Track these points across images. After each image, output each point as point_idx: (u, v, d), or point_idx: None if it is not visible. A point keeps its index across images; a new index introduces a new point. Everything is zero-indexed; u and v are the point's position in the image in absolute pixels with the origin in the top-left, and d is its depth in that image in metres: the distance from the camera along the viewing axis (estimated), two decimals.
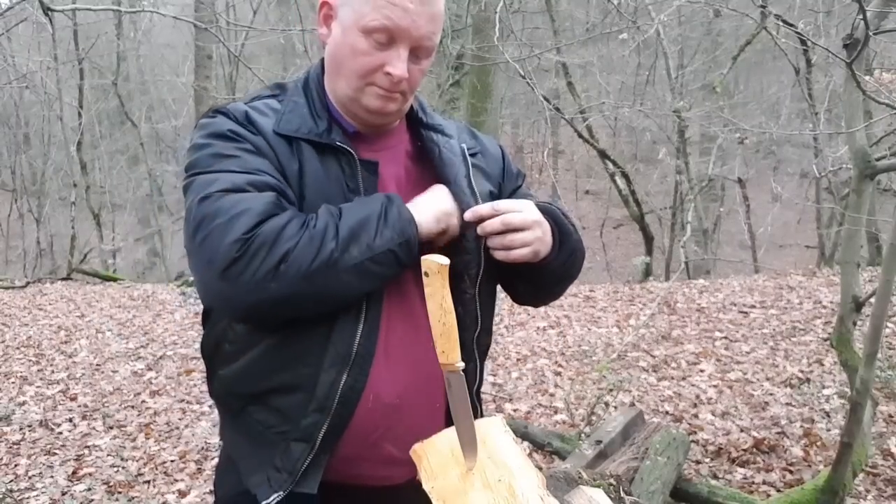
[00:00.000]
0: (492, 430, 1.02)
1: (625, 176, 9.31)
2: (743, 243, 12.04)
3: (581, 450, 2.65)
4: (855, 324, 3.22)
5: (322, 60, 1.17)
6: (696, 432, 3.50)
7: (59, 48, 12.08)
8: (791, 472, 3.09)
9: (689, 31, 10.67)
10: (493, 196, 1.18)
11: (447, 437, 1.01)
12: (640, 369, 4.57)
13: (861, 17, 2.57)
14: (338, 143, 1.08)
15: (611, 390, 4.08)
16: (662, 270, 10.24)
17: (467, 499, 0.92)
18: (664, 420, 3.62)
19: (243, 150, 1.04)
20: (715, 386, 4.18)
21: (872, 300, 2.64)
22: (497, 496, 0.91)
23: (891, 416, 3.57)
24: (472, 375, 1.17)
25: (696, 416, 3.76)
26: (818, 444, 3.31)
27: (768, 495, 2.88)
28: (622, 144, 14.47)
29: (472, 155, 1.19)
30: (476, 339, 1.16)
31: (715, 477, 3.07)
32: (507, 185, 1.24)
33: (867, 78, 3.25)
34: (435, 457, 0.99)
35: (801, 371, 4.33)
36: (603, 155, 9.34)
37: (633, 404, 3.87)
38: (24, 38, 13.32)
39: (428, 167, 1.15)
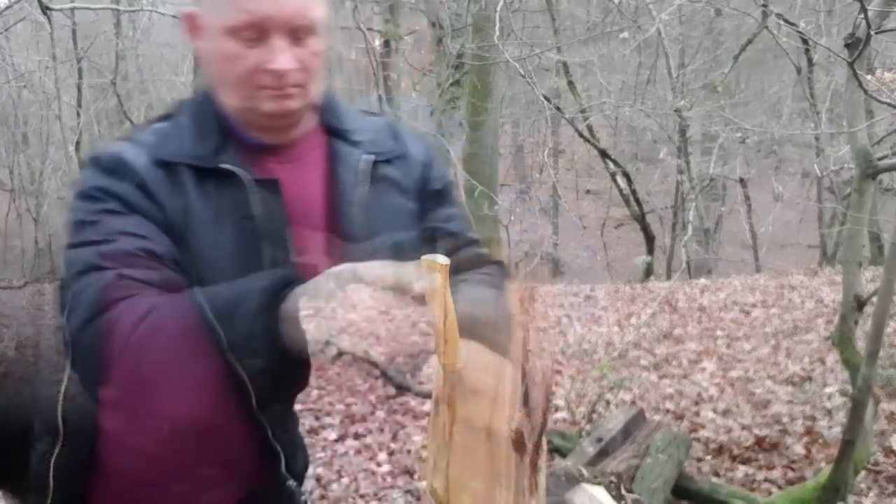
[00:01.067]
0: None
1: (626, 175, 9.30)
2: (744, 243, 12.02)
3: (582, 448, 2.65)
4: (857, 322, 3.21)
5: (205, 91, 1.04)
6: (697, 430, 3.49)
7: (58, 47, 12.05)
8: (793, 469, 3.08)
9: (690, 30, 10.67)
10: (404, 213, 1.05)
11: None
12: (641, 368, 4.56)
13: (863, 16, 2.56)
14: (222, 165, 0.94)
15: (612, 388, 4.07)
16: (664, 270, 10.23)
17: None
18: (665, 418, 3.61)
19: (105, 211, 0.90)
20: (716, 384, 4.17)
21: (874, 299, 2.63)
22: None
23: (892, 414, 3.56)
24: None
25: (697, 414, 3.75)
26: (820, 441, 3.30)
27: (770, 493, 2.87)
28: (623, 144, 14.45)
29: (386, 161, 1.05)
30: None
31: (716, 475, 3.06)
32: (426, 192, 1.10)
33: (869, 77, 3.24)
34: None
35: (803, 369, 4.32)
36: (604, 154, 9.32)
37: (634, 402, 3.86)
38: (22, 38, 13.32)
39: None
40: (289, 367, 0.79)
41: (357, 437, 3.68)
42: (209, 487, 1.01)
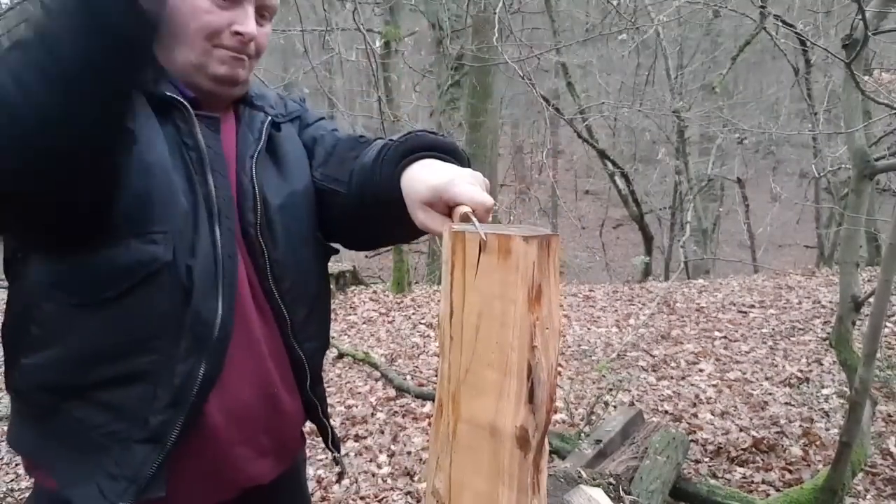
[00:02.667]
0: None
1: (624, 176, 9.32)
2: (742, 243, 12.06)
3: (581, 449, 2.66)
4: (854, 323, 3.22)
5: None
6: (695, 432, 3.51)
7: None
8: (790, 471, 3.10)
9: (689, 31, 10.67)
10: (300, 164, 1.10)
11: None
12: (639, 369, 4.57)
13: (860, 17, 2.58)
14: (169, 94, 0.94)
15: (610, 390, 4.09)
16: (662, 270, 10.25)
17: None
18: (663, 419, 3.62)
19: None
20: (714, 385, 4.19)
21: (871, 300, 2.64)
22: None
23: (889, 415, 3.57)
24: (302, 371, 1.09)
25: (695, 415, 3.76)
26: (817, 443, 3.32)
27: (767, 495, 2.88)
28: (622, 144, 14.46)
29: (287, 121, 1.12)
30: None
31: (714, 476, 3.07)
32: (309, 144, 1.16)
33: (866, 78, 3.26)
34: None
35: (801, 371, 4.33)
36: (602, 155, 9.34)
37: (632, 404, 3.88)
38: None
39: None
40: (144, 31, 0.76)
41: (357, 438, 3.70)
42: (263, 455, 1.06)
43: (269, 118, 1.07)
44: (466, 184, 0.83)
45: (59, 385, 0.92)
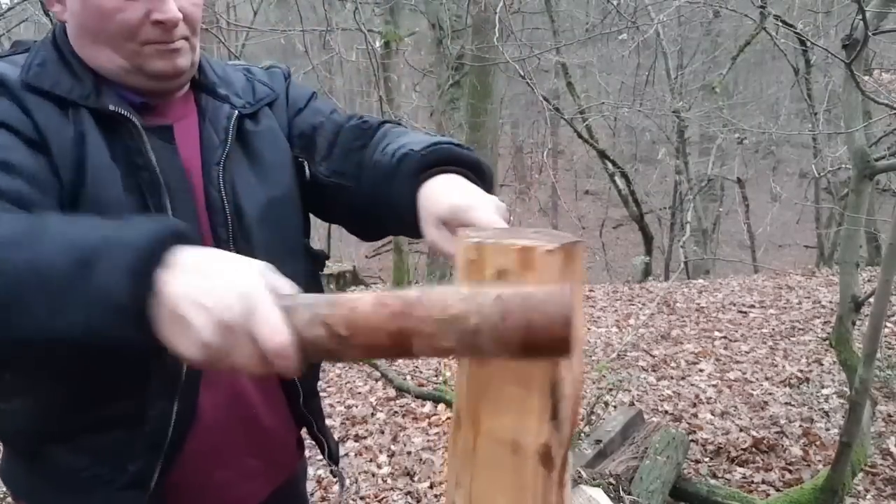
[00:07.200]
0: None
1: (624, 176, 9.31)
2: (742, 243, 12.05)
3: (581, 449, 2.66)
4: (854, 323, 3.23)
5: (55, 33, 0.90)
6: (695, 432, 3.51)
7: None
8: (790, 471, 3.10)
9: (689, 31, 10.68)
10: (279, 164, 0.98)
11: None
12: (639, 369, 4.57)
13: (860, 17, 2.58)
14: (111, 108, 0.83)
15: (610, 390, 4.09)
16: (662, 270, 10.25)
17: None
18: (663, 419, 3.63)
19: None
20: (714, 385, 4.19)
21: (871, 300, 2.64)
22: None
23: (890, 415, 3.58)
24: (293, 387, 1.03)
25: (695, 415, 3.77)
26: (817, 443, 3.32)
27: (767, 495, 2.89)
28: (622, 144, 14.46)
29: (250, 117, 0.98)
30: None
31: (714, 476, 3.07)
32: (294, 124, 1.06)
33: (866, 78, 3.27)
34: None
35: (801, 371, 4.33)
36: (602, 155, 9.34)
37: (632, 404, 3.88)
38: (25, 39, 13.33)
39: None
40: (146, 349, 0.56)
41: (357, 438, 3.70)
42: (251, 477, 1.03)
43: (237, 112, 0.95)
44: (489, 211, 0.76)
45: (34, 431, 0.90)
